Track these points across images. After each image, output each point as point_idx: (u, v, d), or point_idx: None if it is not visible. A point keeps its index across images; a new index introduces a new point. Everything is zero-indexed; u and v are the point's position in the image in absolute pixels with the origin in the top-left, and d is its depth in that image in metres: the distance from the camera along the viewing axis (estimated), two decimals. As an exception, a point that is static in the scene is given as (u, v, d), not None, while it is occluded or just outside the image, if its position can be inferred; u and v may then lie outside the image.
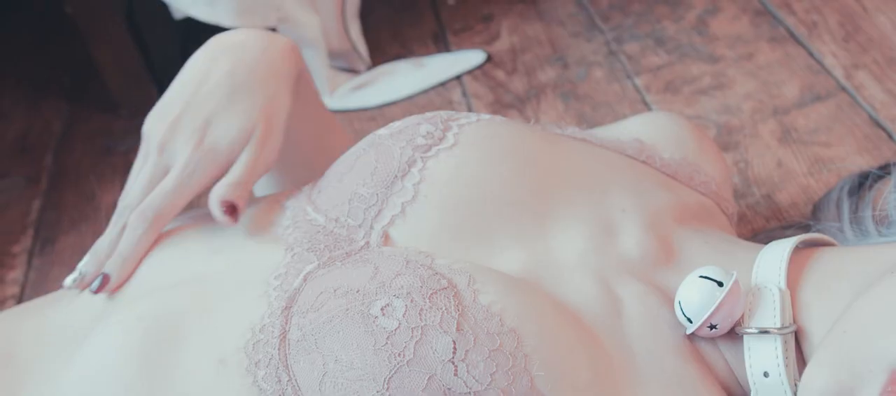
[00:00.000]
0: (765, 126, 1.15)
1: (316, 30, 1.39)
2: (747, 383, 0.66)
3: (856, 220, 0.83)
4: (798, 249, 0.72)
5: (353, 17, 1.45)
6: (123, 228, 0.78)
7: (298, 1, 1.37)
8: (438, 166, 0.74)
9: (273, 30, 1.36)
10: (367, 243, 0.71)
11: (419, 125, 0.76)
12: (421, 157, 0.74)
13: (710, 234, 0.77)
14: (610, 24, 1.43)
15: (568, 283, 0.69)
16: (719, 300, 0.65)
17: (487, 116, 0.79)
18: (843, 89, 1.18)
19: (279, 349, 0.63)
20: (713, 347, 0.68)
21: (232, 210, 0.76)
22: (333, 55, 1.45)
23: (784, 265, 0.68)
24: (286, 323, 0.64)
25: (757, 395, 0.66)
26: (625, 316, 0.68)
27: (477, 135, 0.76)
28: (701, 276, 0.67)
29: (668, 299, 0.69)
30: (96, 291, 0.75)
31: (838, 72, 1.21)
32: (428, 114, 0.78)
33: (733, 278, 0.66)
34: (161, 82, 1.53)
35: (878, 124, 1.10)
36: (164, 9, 1.39)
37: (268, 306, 0.66)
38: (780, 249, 0.69)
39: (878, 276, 0.63)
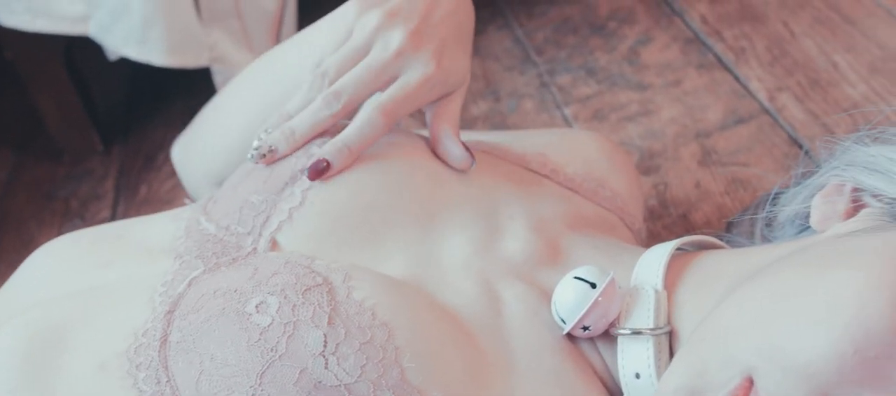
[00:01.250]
0: (686, 149, 1.16)
1: (252, 69, 1.40)
2: None
3: (767, 235, 0.84)
4: (683, 252, 0.72)
5: (289, 56, 1.46)
6: (336, 112, 0.77)
7: (232, 40, 1.38)
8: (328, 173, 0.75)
9: (206, 69, 1.38)
10: (255, 249, 0.71)
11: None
12: None
13: (603, 240, 0.77)
14: (544, 57, 1.45)
15: (450, 285, 0.70)
16: (591, 302, 0.66)
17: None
18: (766, 111, 1.19)
19: (160, 351, 0.64)
20: (591, 346, 0.69)
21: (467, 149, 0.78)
22: (271, 94, 1.45)
23: (662, 266, 0.68)
24: (168, 327, 0.65)
25: (628, 395, 0.66)
26: (504, 316, 0.69)
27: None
28: (575, 277, 0.67)
29: (549, 298, 0.70)
30: (313, 178, 0.74)
31: (762, 95, 1.22)
32: None
33: (608, 279, 0.66)
34: (105, 127, 1.54)
35: (795, 142, 1.11)
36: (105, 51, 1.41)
37: (152, 311, 0.67)
38: (661, 251, 0.70)
39: (745, 278, 0.63)
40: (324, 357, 0.59)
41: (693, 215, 1.05)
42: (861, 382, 0.53)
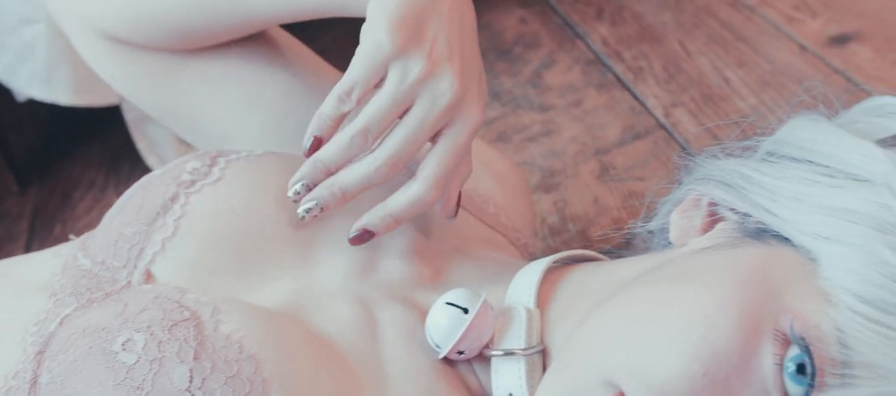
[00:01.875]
0: (585, 166, 1.19)
1: (164, 105, 1.42)
2: None
3: (648, 245, 0.86)
4: (559, 267, 0.74)
5: (201, 90, 1.48)
6: (386, 174, 0.71)
7: (144, 78, 1.39)
8: (201, 201, 0.74)
9: (116, 107, 1.39)
10: (129, 282, 0.71)
11: (187, 162, 0.77)
12: (184, 193, 0.74)
13: (486, 258, 0.79)
14: (452, 81, 1.48)
15: (327, 310, 0.71)
16: (464, 328, 0.67)
17: (260, 151, 0.81)
18: (662, 126, 1.22)
19: (29, 394, 0.63)
20: (468, 367, 0.71)
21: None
22: (184, 129, 1.47)
23: (534, 285, 0.70)
24: (38, 368, 0.64)
25: (504, 415, 0.68)
26: (380, 340, 0.70)
27: (243, 169, 0.77)
28: (447, 303, 0.69)
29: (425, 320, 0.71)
30: (355, 244, 0.72)
31: (658, 112, 1.25)
32: (200, 152, 0.79)
33: (480, 303, 0.68)
34: (21, 168, 1.54)
35: (689, 155, 1.15)
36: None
37: (23, 352, 0.66)
38: (534, 269, 0.72)
39: (610, 294, 0.65)
40: (190, 392, 0.60)
41: (591, 230, 1.08)
42: None
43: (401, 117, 0.70)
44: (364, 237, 0.72)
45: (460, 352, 0.68)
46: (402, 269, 0.74)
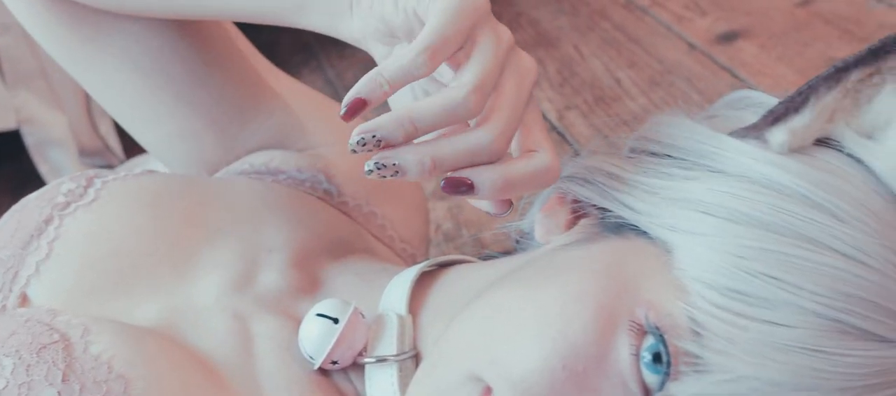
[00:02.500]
0: (480, 173, 1.21)
1: (63, 128, 1.41)
2: None
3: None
4: (433, 273, 0.75)
5: (101, 113, 1.47)
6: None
7: (41, 100, 1.39)
8: (75, 223, 0.74)
9: (15, 132, 1.38)
10: (4, 307, 0.71)
11: (62, 184, 0.77)
12: (58, 215, 0.75)
13: (366, 266, 0.79)
14: (354, 93, 1.49)
15: (202, 327, 0.71)
16: (335, 338, 0.68)
17: (139, 171, 0.81)
18: (555, 129, 1.25)
19: None
20: (344, 376, 0.72)
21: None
22: (85, 153, 1.46)
23: (406, 291, 0.71)
24: None
25: (379, 421, 0.69)
26: (255, 353, 0.71)
27: (119, 190, 0.77)
28: (318, 314, 0.70)
29: None
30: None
31: (552, 115, 1.28)
32: (75, 174, 0.79)
33: (349, 312, 0.69)
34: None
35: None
36: None
37: None
38: (406, 276, 0.73)
39: (478, 293, 0.66)
40: None
41: (484, 235, 1.10)
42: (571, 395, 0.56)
43: None
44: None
45: (334, 362, 0.69)
46: (279, 282, 0.75)
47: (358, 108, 0.55)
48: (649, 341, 0.56)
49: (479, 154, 0.57)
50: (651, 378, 0.56)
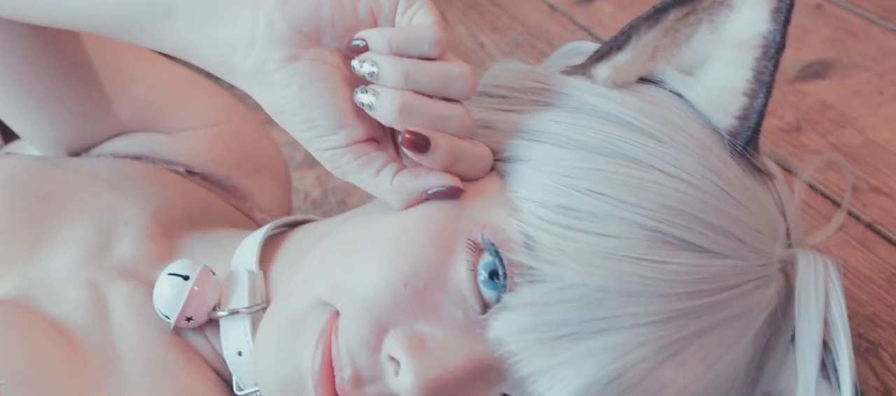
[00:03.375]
0: (348, 140, 1.22)
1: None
2: None
3: None
4: (283, 232, 0.77)
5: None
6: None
7: None
8: None
9: None
10: None
11: None
12: None
13: (222, 234, 0.81)
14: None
15: (56, 297, 0.72)
16: (186, 294, 0.70)
17: None
18: (421, 95, 1.27)
19: None
20: (201, 336, 0.73)
21: None
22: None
23: (256, 248, 0.73)
24: None
25: (236, 375, 0.71)
26: (111, 318, 0.72)
27: None
28: (169, 273, 0.71)
29: None
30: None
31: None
32: None
33: (199, 270, 0.71)
34: None
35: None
36: None
37: None
38: (256, 235, 0.75)
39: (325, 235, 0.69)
40: None
41: (350, 201, 1.11)
42: (414, 312, 0.59)
43: None
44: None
45: (189, 319, 0.71)
46: (134, 252, 0.76)
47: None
48: (485, 258, 0.59)
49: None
50: (489, 294, 0.59)
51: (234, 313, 0.70)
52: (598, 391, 0.58)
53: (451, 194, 0.61)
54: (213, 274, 0.72)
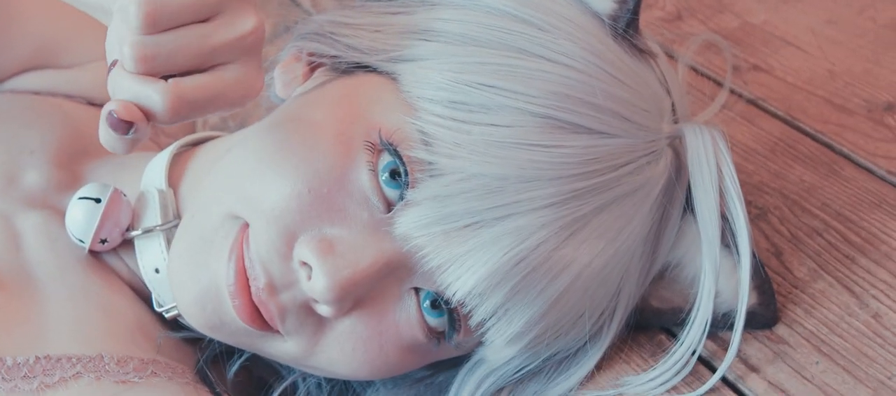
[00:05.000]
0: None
1: None
2: None
3: None
4: (190, 149, 0.78)
5: None
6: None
7: None
8: None
9: None
10: None
11: None
12: None
13: (126, 158, 0.81)
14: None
15: None
16: (99, 215, 0.70)
17: None
18: (298, 4, 1.26)
19: None
20: (116, 257, 0.74)
21: None
22: None
23: (164, 167, 0.73)
24: None
25: (155, 292, 0.72)
26: (24, 248, 0.72)
27: None
28: (80, 198, 0.72)
29: None
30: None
31: (307, 3, 1.29)
32: None
33: (110, 191, 0.71)
34: None
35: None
36: None
37: None
38: (163, 154, 0.75)
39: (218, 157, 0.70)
40: None
41: (249, 123, 1.11)
42: (321, 217, 0.61)
43: None
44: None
45: (103, 241, 0.71)
46: (41, 181, 0.76)
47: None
48: (385, 159, 0.62)
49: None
50: (391, 193, 0.62)
51: (147, 232, 0.71)
52: (503, 275, 0.61)
53: (115, 126, 0.56)
54: (124, 195, 0.72)
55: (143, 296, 0.74)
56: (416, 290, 0.63)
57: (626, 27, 0.67)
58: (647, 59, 0.69)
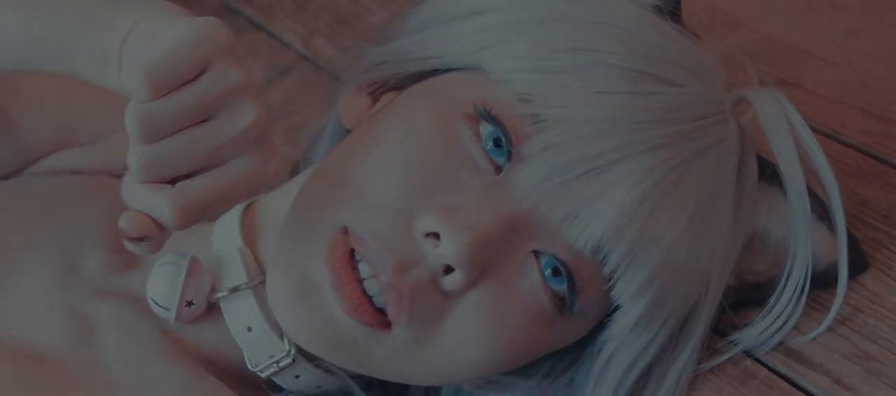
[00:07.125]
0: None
1: None
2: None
3: None
4: (253, 202, 0.76)
5: None
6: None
7: None
8: None
9: None
10: None
11: None
12: None
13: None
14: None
15: (33, 328, 0.69)
16: (183, 275, 0.68)
17: None
18: (305, 58, 1.25)
19: None
20: (198, 332, 0.71)
21: None
22: None
23: (236, 226, 0.72)
24: None
25: (248, 352, 0.69)
26: (99, 341, 0.69)
27: None
28: (159, 266, 0.69)
29: (141, 304, 0.70)
30: None
31: (297, 45, 1.28)
32: None
33: (188, 258, 0.69)
34: None
35: (336, 77, 1.19)
36: None
37: None
38: (231, 213, 0.73)
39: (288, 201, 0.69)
40: None
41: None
42: (434, 190, 0.62)
43: None
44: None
45: (189, 303, 0.68)
46: (99, 265, 0.73)
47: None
48: (486, 128, 0.62)
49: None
50: (499, 160, 0.62)
51: (234, 290, 0.69)
52: (630, 216, 0.60)
53: (129, 239, 0.58)
54: (201, 264, 0.70)
55: (228, 369, 0.71)
56: (536, 256, 0.63)
57: (671, 15, 0.69)
58: (694, 39, 0.70)
